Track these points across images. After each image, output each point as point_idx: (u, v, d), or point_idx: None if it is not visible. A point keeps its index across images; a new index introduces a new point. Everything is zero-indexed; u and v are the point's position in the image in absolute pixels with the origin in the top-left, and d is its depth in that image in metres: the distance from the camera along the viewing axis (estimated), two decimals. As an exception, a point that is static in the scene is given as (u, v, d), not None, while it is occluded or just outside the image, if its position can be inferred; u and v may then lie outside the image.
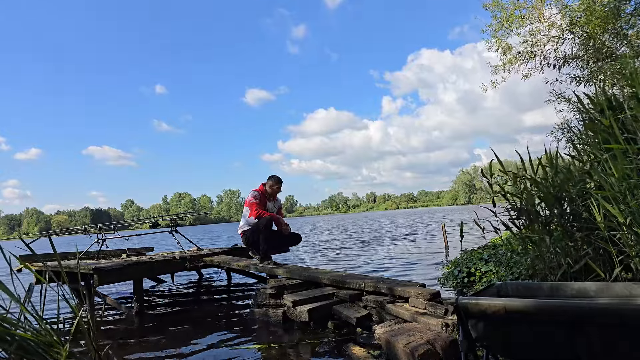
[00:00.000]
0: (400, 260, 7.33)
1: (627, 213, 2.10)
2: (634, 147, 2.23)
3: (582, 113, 3.02)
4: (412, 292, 3.04)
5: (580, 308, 1.40)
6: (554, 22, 6.26)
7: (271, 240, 4.58)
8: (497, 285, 1.97)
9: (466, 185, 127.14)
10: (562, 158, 3.01)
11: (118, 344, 3.25)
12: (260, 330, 3.38)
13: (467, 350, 1.65)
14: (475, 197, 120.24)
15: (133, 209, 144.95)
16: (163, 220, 6.03)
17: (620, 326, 1.34)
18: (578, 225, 2.61)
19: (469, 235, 9.70)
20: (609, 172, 2.26)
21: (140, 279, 4.50)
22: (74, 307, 1.70)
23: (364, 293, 3.42)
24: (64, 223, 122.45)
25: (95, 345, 1.71)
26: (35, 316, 1.60)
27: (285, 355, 2.74)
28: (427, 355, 2.20)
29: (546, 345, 1.47)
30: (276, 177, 4.74)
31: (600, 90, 3.14)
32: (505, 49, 6.69)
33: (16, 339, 1.45)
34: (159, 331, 3.63)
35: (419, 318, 2.72)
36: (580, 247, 2.62)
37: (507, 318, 1.51)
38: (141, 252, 6.65)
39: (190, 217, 10.18)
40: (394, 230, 17.49)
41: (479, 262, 4.55)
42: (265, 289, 3.80)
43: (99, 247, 5.43)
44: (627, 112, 2.38)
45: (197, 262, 5.16)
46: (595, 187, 2.48)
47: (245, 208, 4.64)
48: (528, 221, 2.86)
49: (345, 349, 2.68)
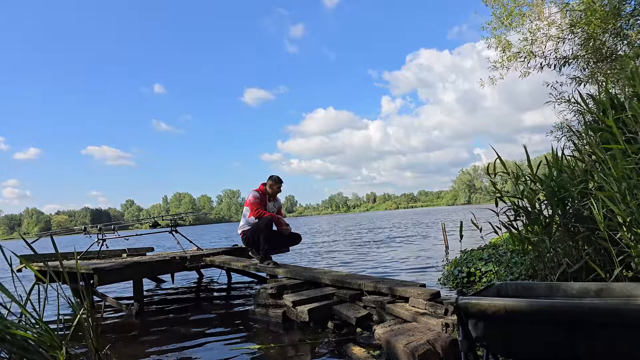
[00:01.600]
0: (400, 260, 7.34)
1: (627, 213, 2.10)
2: (633, 147, 2.23)
3: (584, 113, 3.02)
4: (412, 292, 3.04)
5: (580, 308, 1.40)
6: (554, 20, 6.26)
7: (271, 240, 4.58)
8: (497, 285, 1.97)
9: (466, 185, 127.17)
10: (565, 158, 3.01)
11: (118, 344, 3.25)
12: (260, 330, 3.38)
13: (467, 350, 1.65)
14: (475, 197, 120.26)
15: (133, 209, 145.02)
16: (163, 220, 6.03)
17: (620, 326, 1.34)
18: (579, 225, 2.61)
19: (469, 236, 9.71)
20: (609, 172, 2.26)
21: (140, 279, 4.50)
22: (75, 306, 1.70)
23: (364, 293, 3.42)
24: (64, 223, 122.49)
25: (95, 345, 1.71)
26: (36, 317, 1.60)
27: (285, 355, 2.74)
28: (427, 355, 2.21)
29: (546, 345, 1.47)
30: (276, 177, 4.74)
31: (602, 89, 3.13)
32: (505, 47, 6.69)
33: (17, 338, 1.45)
34: (159, 331, 3.63)
35: (419, 318, 2.72)
36: (581, 247, 2.62)
37: (507, 318, 1.51)
38: (141, 252, 6.65)
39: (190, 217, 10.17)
40: (394, 230, 17.50)
41: (479, 262, 4.55)
42: (265, 289, 3.80)
43: (99, 247, 5.43)
44: (628, 112, 2.38)
45: (197, 262, 5.16)
46: (596, 187, 2.48)
47: (246, 208, 4.64)
48: (528, 221, 2.86)
49: (345, 349, 2.69)
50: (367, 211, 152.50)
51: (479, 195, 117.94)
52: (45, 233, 5.37)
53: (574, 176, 2.69)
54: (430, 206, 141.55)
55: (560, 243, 2.68)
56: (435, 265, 6.36)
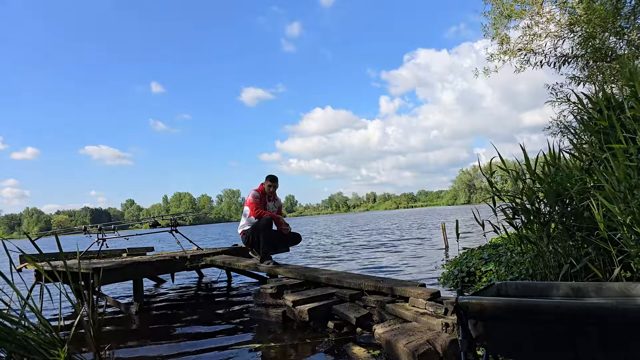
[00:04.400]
0: (400, 260, 7.34)
1: (627, 213, 2.10)
2: (634, 147, 2.23)
3: (581, 113, 3.02)
4: (413, 291, 3.04)
5: (580, 308, 1.41)
6: (553, 16, 6.26)
7: (271, 240, 4.58)
8: (497, 284, 1.97)
9: (466, 185, 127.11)
10: (564, 157, 3.01)
11: (118, 343, 3.25)
12: (260, 330, 3.38)
13: (467, 349, 1.66)
14: (476, 196, 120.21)
15: (133, 208, 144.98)
16: (163, 220, 6.03)
17: (620, 325, 1.34)
18: (578, 224, 2.61)
19: (469, 235, 9.70)
20: (609, 171, 2.26)
21: (140, 278, 4.50)
22: (76, 306, 1.70)
23: (364, 293, 3.42)
24: (64, 223, 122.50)
25: (95, 345, 1.72)
26: (38, 316, 1.60)
27: (285, 355, 2.74)
28: (427, 354, 2.21)
29: (546, 345, 1.48)
30: (271, 176, 4.75)
31: (599, 89, 3.14)
32: (504, 40, 6.67)
33: (18, 338, 1.45)
34: (159, 331, 3.63)
35: (419, 318, 2.72)
36: (581, 246, 2.62)
37: (507, 318, 1.51)
38: (141, 252, 6.65)
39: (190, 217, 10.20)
40: (394, 231, 17.50)
41: (479, 261, 4.55)
42: (265, 288, 3.80)
43: (99, 246, 5.43)
44: (627, 112, 2.38)
45: (197, 262, 5.17)
46: (594, 186, 2.48)
47: (246, 208, 4.64)
48: (527, 220, 2.86)
49: (346, 348, 2.69)
50: (367, 211, 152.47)
51: (479, 195, 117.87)
52: (44, 233, 5.38)
53: (572, 174, 2.69)
54: (430, 206, 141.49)
55: (560, 242, 2.68)
56: (435, 265, 6.37)
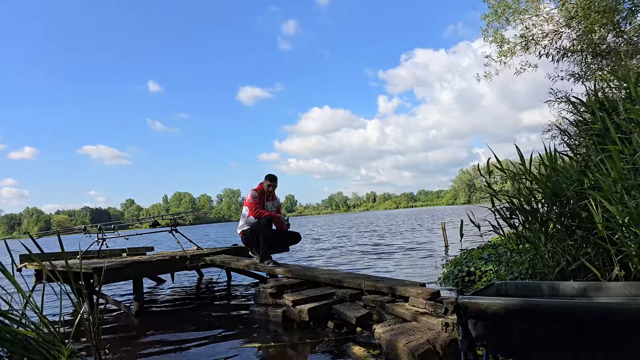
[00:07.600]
0: (400, 260, 7.35)
1: (625, 213, 2.10)
2: (630, 148, 2.24)
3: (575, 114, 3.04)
4: (412, 291, 3.05)
5: (580, 307, 1.41)
6: (552, 16, 6.27)
7: (271, 239, 4.59)
8: (497, 284, 1.98)
9: (466, 184, 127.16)
10: (561, 157, 3.02)
11: (118, 343, 3.25)
12: (260, 330, 3.38)
13: (467, 349, 1.66)
14: (475, 196, 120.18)
15: (133, 208, 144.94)
16: (163, 219, 6.03)
17: (620, 325, 1.35)
18: (577, 224, 2.62)
19: (469, 235, 9.71)
20: (605, 172, 2.27)
21: (140, 278, 4.51)
22: (77, 305, 1.71)
23: (364, 292, 3.42)
24: (64, 222, 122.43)
25: (96, 344, 1.72)
26: (39, 315, 1.60)
27: (285, 355, 2.75)
28: (427, 354, 2.21)
29: (546, 345, 1.48)
30: (270, 175, 4.75)
31: (591, 91, 3.14)
32: (502, 41, 6.70)
33: (18, 337, 1.46)
34: (159, 330, 3.63)
35: (419, 317, 2.73)
36: (580, 246, 2.62)
37: (507, 317, 1.52)
38: (141, 252, 6.66)
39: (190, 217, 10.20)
40: (394, 231, 17.50)
41: (479, 261, 4.56)
42: (265, 288, 3.80)
43: (99, 246, 5.43)
44: (623, 114, 2.38)
45: (197, 262, 5.17)
46: (591, 186, 2.48)
47: (245, 208, 4.65)
48: (525, 219, 2.87)
49: (345, 348, 2.69)
50: (367, 210, 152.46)
51: (479, 194, 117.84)
52: (44, 232, 5.37)
53: (569, 175, 2.70)
54: (430, 206, 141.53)
55: (559, 242, 2.68)
56: (435, 264, 6.37)
